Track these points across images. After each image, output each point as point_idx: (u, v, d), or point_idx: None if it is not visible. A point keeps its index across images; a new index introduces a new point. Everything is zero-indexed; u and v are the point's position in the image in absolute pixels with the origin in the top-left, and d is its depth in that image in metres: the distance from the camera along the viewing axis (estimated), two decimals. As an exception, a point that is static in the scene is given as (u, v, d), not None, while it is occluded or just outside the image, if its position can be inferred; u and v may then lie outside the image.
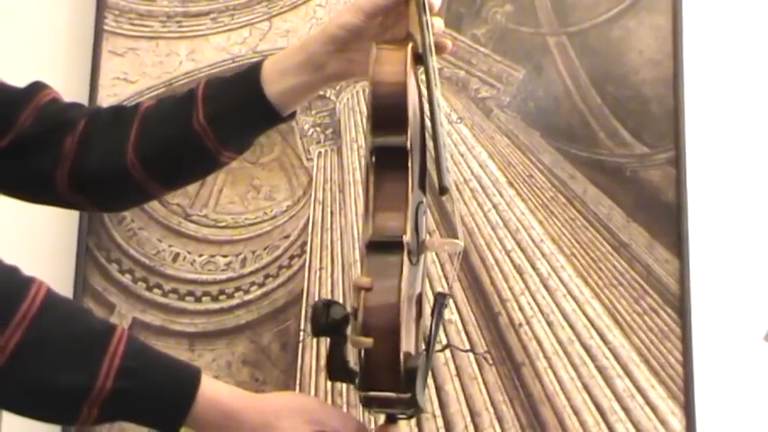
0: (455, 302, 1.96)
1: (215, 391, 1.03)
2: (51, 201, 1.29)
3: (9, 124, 1.22)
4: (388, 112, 1.07)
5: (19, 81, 1.28)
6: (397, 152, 1.06)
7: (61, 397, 0.97)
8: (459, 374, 1.95)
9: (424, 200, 1.14)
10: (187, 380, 1.02)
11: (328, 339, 1.06)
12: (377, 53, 1.09)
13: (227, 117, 1.22)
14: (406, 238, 1.04)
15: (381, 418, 1.12)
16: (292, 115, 1.26)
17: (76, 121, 1.25)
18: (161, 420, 1.01)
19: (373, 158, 1.08)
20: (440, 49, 1.22)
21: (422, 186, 1.13)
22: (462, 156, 2.02)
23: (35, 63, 1.96)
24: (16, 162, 1.23)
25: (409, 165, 1.06)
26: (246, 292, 1.98)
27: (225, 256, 1.98)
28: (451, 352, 1.92)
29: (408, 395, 1.02)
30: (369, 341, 1.00)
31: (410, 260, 1.05)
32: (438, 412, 1.93)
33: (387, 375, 1.02)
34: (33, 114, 1.24)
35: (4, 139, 1.22)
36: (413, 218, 1.07)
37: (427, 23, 1.15)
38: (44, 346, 0.97)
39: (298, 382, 1.95)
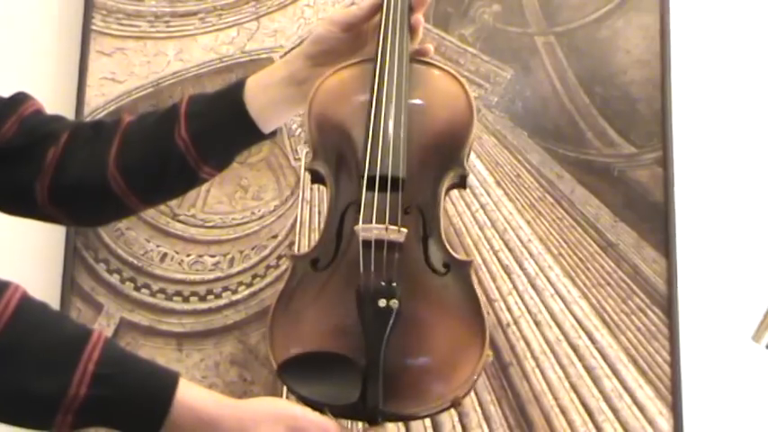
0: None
1: (193, 397, 1.03)
2: (30, 213, 1.30)
3: None
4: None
5: (6, 81, 1.28)
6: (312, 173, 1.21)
7: (35, 403, 0.97)
8: (446, 374, 1.94)
9: (372, 194, 1.15)
10: (164, 387, 1.02)
11: None
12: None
13: (209, 133, 1.24)
14: (300, 252, 1.19)
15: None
16: (273, 133, 1.29)
17: (59, 133, 1.26)
18: (138, 427, 1.01)
19: None
20: (421, 53, 1.24)
21: (372, 185, 1.15)
22: (450, 156, 2.01)
23: (23, 63, 1.96)
24: None
25: (326, 179, 1.19)
26: (234, 291, 1.97)
27: (213, 256, 1.98)
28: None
29: (299, 394, 1.08)
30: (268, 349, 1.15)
31: (314, 268, 1.16)
32: (426, 412, 1.93)
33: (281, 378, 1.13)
34: (16, 125, 1.24)
35: None
36: (335, 224, 1.16)
37: (408, 25, 1.19)
38: (17, 351, 0.97)
39: (286, 381, 1.95)
